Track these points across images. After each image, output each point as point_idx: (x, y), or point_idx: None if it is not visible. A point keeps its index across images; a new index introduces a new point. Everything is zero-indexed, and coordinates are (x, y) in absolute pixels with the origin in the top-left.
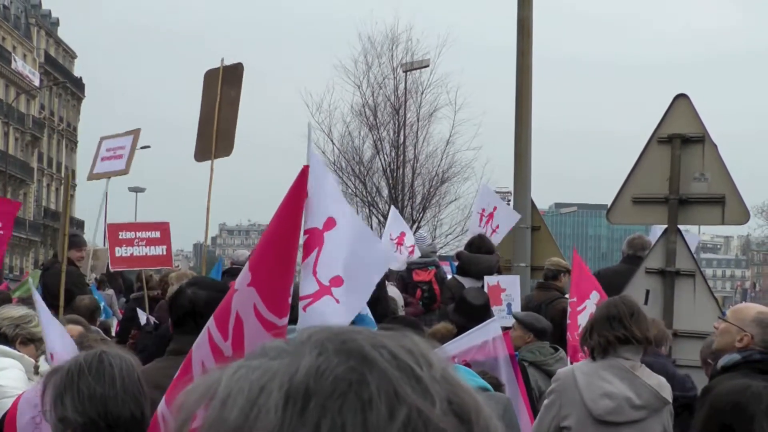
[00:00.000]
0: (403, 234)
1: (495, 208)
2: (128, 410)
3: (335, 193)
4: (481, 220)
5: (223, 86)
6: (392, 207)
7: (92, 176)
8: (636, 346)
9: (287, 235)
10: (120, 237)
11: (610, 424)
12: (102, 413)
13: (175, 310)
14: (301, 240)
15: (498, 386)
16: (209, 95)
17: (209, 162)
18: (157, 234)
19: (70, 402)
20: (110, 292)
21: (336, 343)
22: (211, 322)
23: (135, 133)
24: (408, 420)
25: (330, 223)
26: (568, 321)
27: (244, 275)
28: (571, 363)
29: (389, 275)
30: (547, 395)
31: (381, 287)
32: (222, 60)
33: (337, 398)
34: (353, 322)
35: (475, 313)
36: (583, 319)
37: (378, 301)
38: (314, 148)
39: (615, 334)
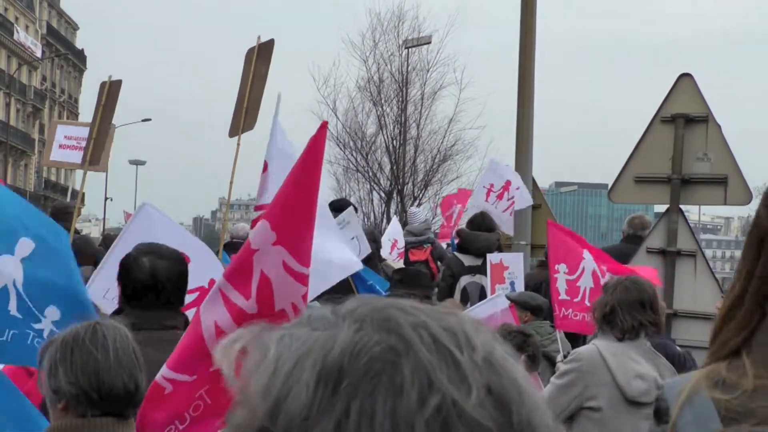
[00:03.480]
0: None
1: (509, 182)
2: (121, 382)
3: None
4: (488, 195)
5: (257, 62)
6: (394, 217)
7: (49, 162)
8: (652, 329)
9: (309, 190)
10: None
11: (640, 404)
12: (95, 384)
13: (130, 282)
14: (254, 215)
15: (528, 335)
16: (246, 73)
17: (219, 135)
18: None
19: (63, 373)
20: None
21: (377, 319)
22: (224, 284)
23: (109, 127)
24: (439, 409)
25: None
26: (558, 292)
27: (266, 234)
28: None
29: (372, 256)
30: (562, 374)
31: (370, 259)
32: (258, 37)
33: (370, 381)
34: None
35: (414, 281)
36: (585, 282)
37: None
38: (281, 122)
39: (647, 318)
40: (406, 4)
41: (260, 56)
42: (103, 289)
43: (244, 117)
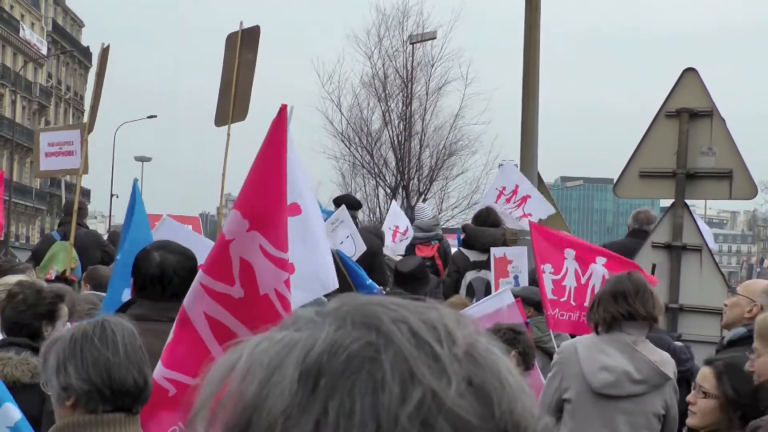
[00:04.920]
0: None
1: (517, 186)
2: (132, 377)
3: (304, 183)
4: (499, 197)
5: (242, 49)
6: (393, 201)
7: (41, 174)
8: (640, 322)
9: (276, 174)
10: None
11: (610, 397)
12: (106, 380)
13: (140, 274)
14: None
15: (518, 332)
16: (229, 59)
17: (223, 129)
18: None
19: (73, 369)
20: None
21: (357, 316)
22: (203, 277)
23: (80, 126)
24: (421, 402)
25: (294, 208)
26: (545, 292)
27: (238, 223)
28: (552, 333)
29: (378, 252)
30: (550, 368)
31: (376, 256)
32: (241, 23)
33: (348, 377)
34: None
35: (403, 280)
36: (570, 282)
37: (372, 271)
38: (292, 133)
39: (619, 310)
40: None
41: (245, 43)
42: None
43: (233, 106)
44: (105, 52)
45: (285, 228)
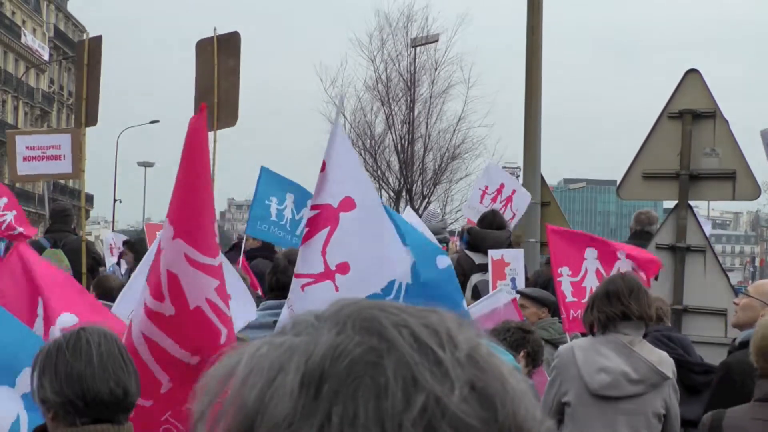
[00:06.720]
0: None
1: (502, 185)
2: (107, 388)
3: (358, 174)
4: (483, 197)
5: (219, 56)
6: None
7: (18, 178)
8: (635, 322)
9: (199, 176)
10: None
11: (609, 398)
12: (79, 392)
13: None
14: (309, 213)
15: (527, 332)
16: (204, 66)
17: (221, 132)
18: None
19: (48, 383)
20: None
21: (358, 321)
22: (144, 290)
23: (73, 132)
24: (425, 408)
25: (348, 203)
26: (564, 295)
27: (166, 231)
28: (569, 335)
29: None
30: (550, 372)
31: None
32: (215, 29)
33: (351, 383)
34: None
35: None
36: (590, 282)
37: None
38: (341, 126)
39: (613, 310)
40: (415, 3)
41: (222, 50)
42: (128, 309)
43: (217, 112)
44: (93, 42)
45: (212, 233)
